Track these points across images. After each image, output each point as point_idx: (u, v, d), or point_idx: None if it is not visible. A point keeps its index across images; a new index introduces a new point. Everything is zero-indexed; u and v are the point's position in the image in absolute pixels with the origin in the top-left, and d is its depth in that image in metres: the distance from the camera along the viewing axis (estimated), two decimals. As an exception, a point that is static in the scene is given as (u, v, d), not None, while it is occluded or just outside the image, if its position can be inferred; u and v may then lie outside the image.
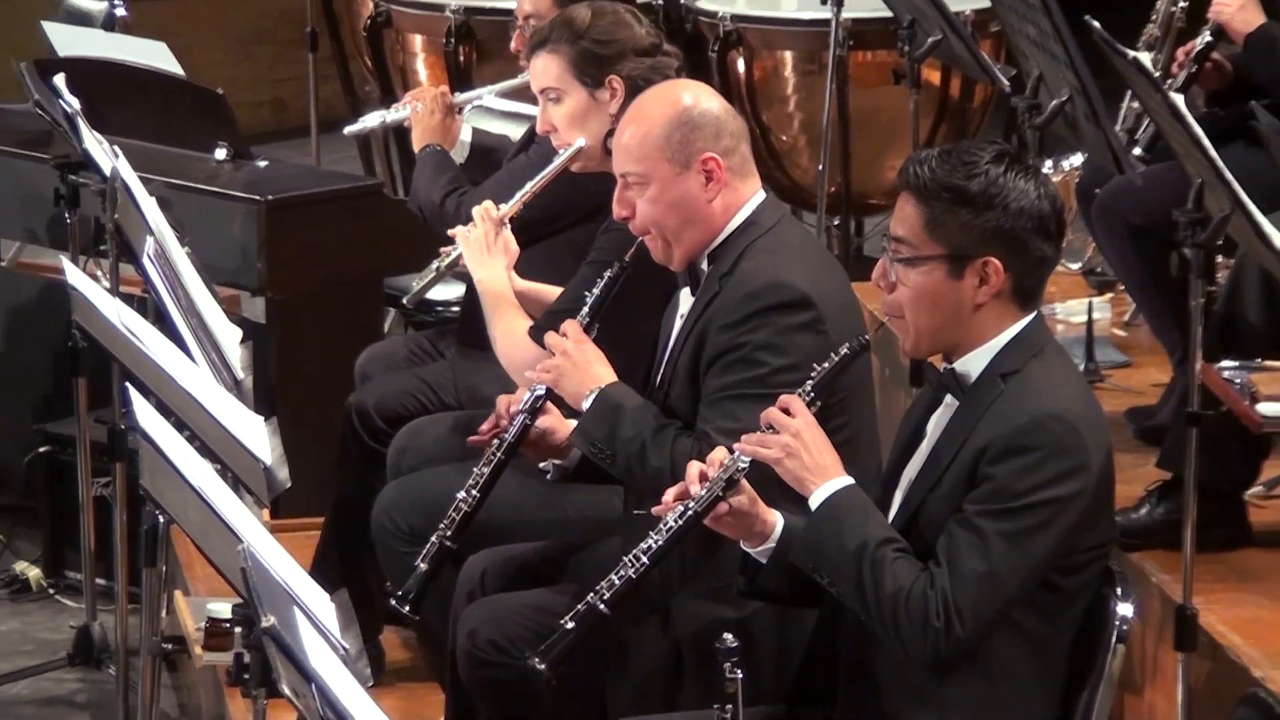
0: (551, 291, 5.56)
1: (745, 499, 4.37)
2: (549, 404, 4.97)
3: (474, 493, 4.97)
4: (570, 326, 4.95)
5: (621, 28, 5.50)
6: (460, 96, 6.36)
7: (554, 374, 4.93)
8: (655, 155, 4.85)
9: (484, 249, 5.48)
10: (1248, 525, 5.72)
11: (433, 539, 4.98)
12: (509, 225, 5.54)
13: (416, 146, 6.23)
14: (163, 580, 5.52)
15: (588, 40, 5.46)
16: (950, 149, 4.43)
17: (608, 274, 5.02)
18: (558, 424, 4.99)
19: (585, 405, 4.87)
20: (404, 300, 5.95)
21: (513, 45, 6.30)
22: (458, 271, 5.67)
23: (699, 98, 4.93)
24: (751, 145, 5.30)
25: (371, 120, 6.58)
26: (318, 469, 5.94)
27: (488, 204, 5.54)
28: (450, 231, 5.63)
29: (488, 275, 5.50)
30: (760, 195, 4.92)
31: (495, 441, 4.98)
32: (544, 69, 5.51)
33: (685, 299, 4.92)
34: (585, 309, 5.00)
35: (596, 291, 5.02)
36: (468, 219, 5.81)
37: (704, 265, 4.88)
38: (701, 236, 4.87)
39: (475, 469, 5.00)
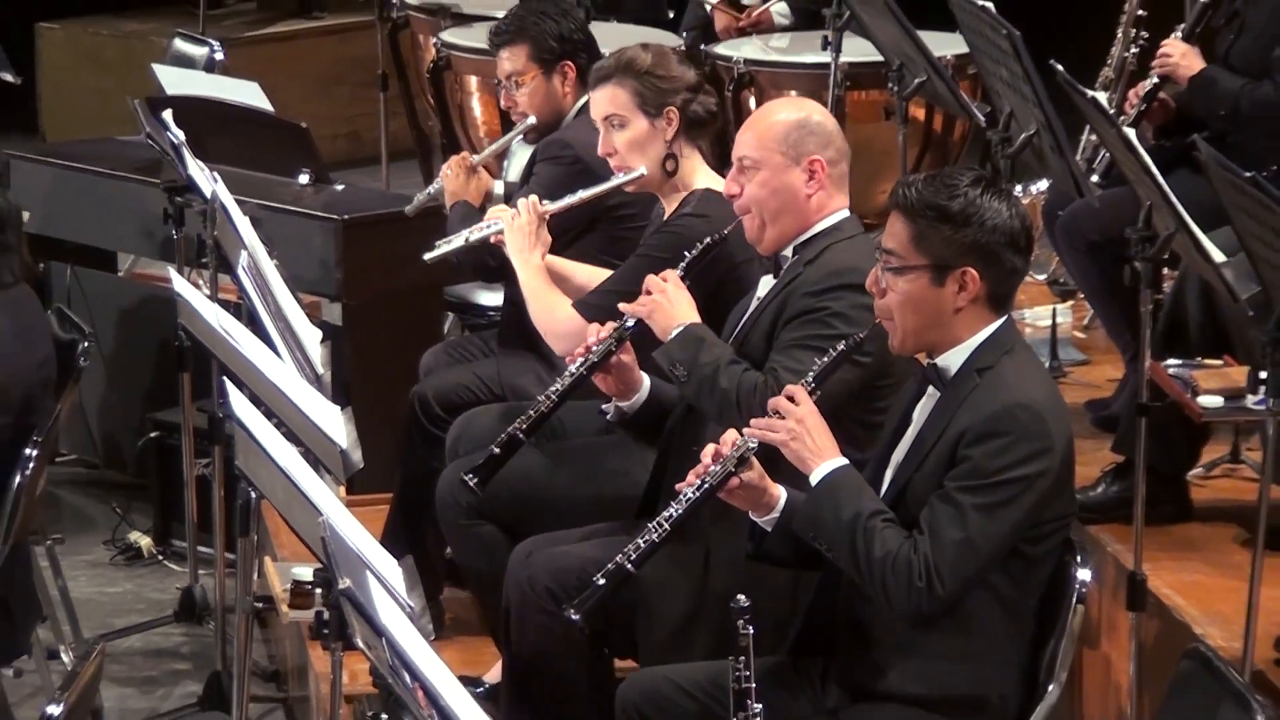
0: (585, 268, 5.54)
1: (754, 475, 4.36)
2: (628, 345, 4.96)
3: (553, 396, 4.97)
4: (670, 273, 4.94)
5: (675, 66, 5.46)
6: (476, 157, 6.32)
7: (650, 307, 4.92)
8: (772, 146, 4.87)
9: (526, 237, 5.46)
10: (1189, 502, 5.71)
11: (509, 429, 4.98)
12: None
13: (447, 206, 6.16)
14: (254, 548, 5.53)
15: (651, 76, 5.42)
16: (934, 174, 4.43)
17: (706, 240, 5.01)
18: (633, 364, 4.98)
19: (672, 335, 4.87)
20: (424, 255, 5.80)
21: (501, 103, 6.30)
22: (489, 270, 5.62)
23: (820, 114, 4.97)
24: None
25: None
26: (386, 451, 5.93)
27: (534, 198, 5.52)
28: (492, 211, 5.60)
29: (526, 262, 5.47)
30: (847, 211, 4.93)
31: (580, 358, 4.96)
32: (611, 99, 5.45)
33: (765, 284, 4.92)
34: (682, 265, 4.99)
35: (694, 254, 5.01)
36: (493, 253, 5.77)
37: (788, 254, 4.87)
38: (793, 225, 4.87)
39: (559, 378, 5.00)
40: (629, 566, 4.39)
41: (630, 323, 4.95)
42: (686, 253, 5.02)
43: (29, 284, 5.65)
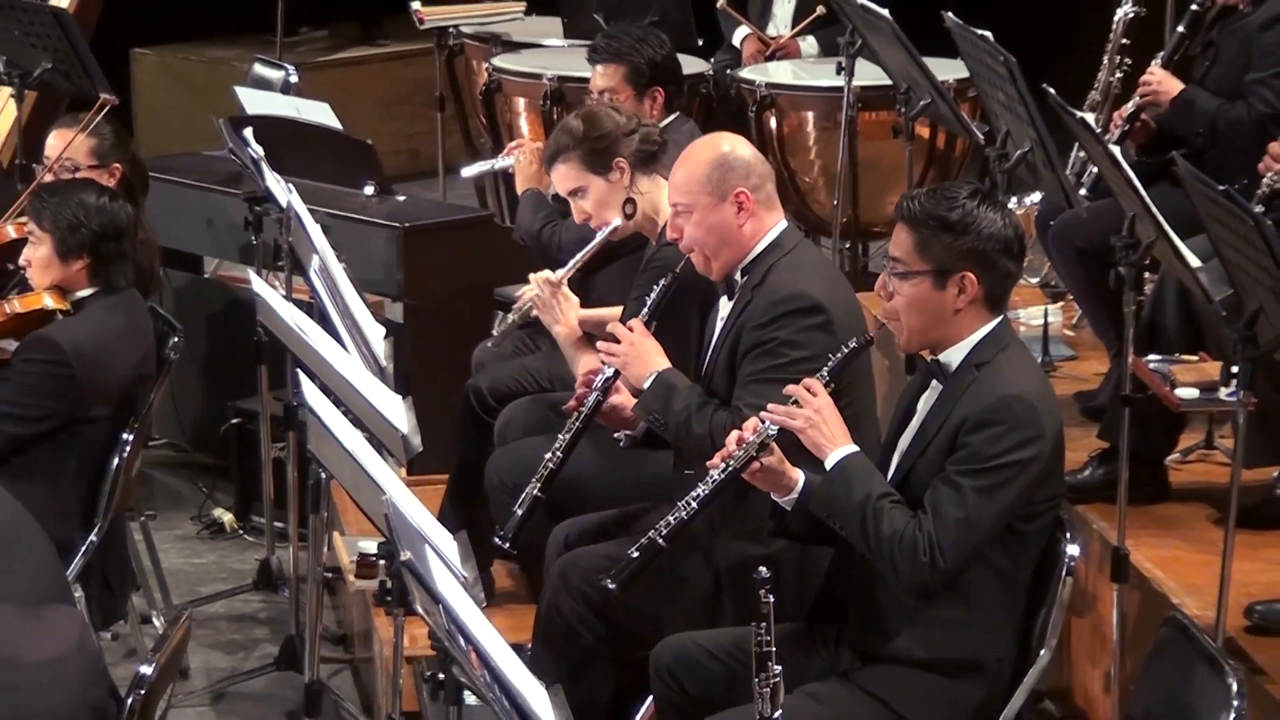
0: (613, 312, 5.54)
1: (774, 459, 4.36)
2: (619, 385, 4.96)
3: (558, 453, 4.97)
4: (635, 323, 4.94)
5: (606, 121, 5.44)
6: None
7: (621, 359, 4.91)
8: (698, 189, 4.83)
9: (551, 308, 5.42)
10: (1168, 484, 5.69)
11: (526, 490, 4.98)
12: (566, 284, 5.49)
13: (519, 190, 6.22)
14: (324, 523, 5.53)
15: (587, 141, 5.41)
16: (934, 188, 4.42)
17: (662, 282, 4.99)
18: (627, 400, 4.98)
19: (645, 385, 4.85)
20: (489, 344, 5.95)
21: None
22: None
23: (734, 146, 4.91)
24: (780, 184, 5.31)
25: (483, 166, 6.57)
26: (442, 436, 5.92)
27: (545, 273, 5.45)
28: (519, 294, 5.56)
29: (560, 327, 5.45)
30: (783, 224, 4.90)
31: (576, 413, 4.97)
32: (564, 176, 5.46)
33: (725, 305, 4.90)
34: (645, 309, 4.98)
35: (654, 296, 4.99)
36: (561, 245, 5.80)
37: (738, 277, 4.85)
38: (734, 254, 4.84)
39: (559, 435, 4.98)
40: (660, 541, 4.39)
41: (610, 372, 4.94)
42: (646, 298, 5.00)
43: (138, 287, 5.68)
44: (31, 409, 5.19)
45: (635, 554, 4.39)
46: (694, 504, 4.38)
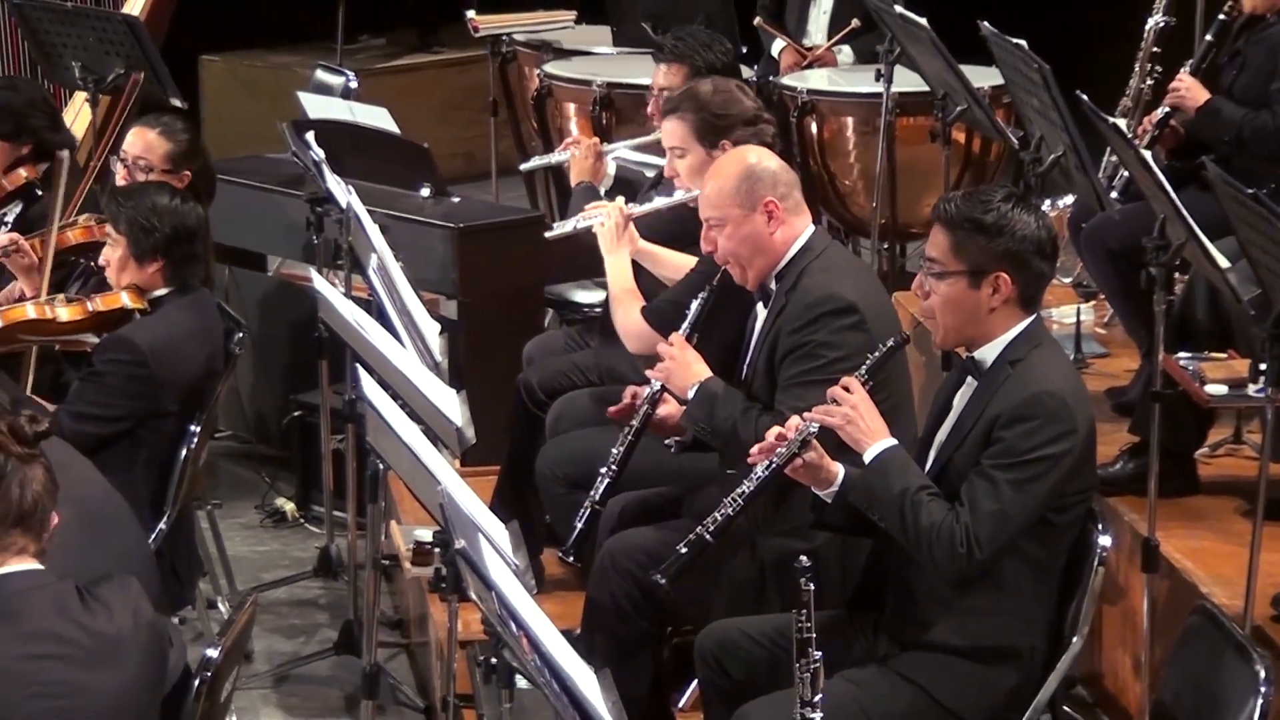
0: (667, 254, 5.52)
1: (815, 455, 4.34)
2: (666, 395, 4.94)
3: (613, 467, 4.94)
4: (676, 337, 4.92)
5: (734, 103, 5.38)
6: (607, 146, 6.33)
7: (665, 374, 4.90)
8: (728, 203, 4.81)
9: (613, 237, 5.42)
10: (1197, 478, 5.67)
11: (585, 503, 4.96)
12: (634, 224, 5.48)
13: (573, 182, 6.20)
14: (382, 513, 5.53)
15: (707, 112, 5.36)
16: (970, 191, 4.40)
17: (701, 295, 4.98)
18: (675, 411, 4.96)
19: (689, 396, 4.84)
20: (545, 234, 5.92)
21: (649, 110, 6.25)
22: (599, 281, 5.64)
23: (760, 158, 4.89)
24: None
25: (540, 160, 6.57)
26: (495, 429, 5.91)
27: (619, 201, 5.47)
28: (588, 206, 5.57)
29: (613, 261, 5.45)
30: (811, 228, 4.88)
31: (628, 427, 4.95)
32: (672, 131, 5.43)
33: (760, 312, 4.88)
34: (686, 323, 4.96)
35: (694, 309, 4.98)
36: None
37: (772, 284, 4.83)
38: (767, 261, 4.82)
39: (613, 449, 4.96)
40: (708, 536, 4.37)
41: (657, 386, 4.92)
42: (687, 311, 4.98)
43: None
44: (112, 409, 5.21)
45: (684, 549, 4.38)
46: (740, 500, 4.37)
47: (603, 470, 4.96)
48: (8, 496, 3.64)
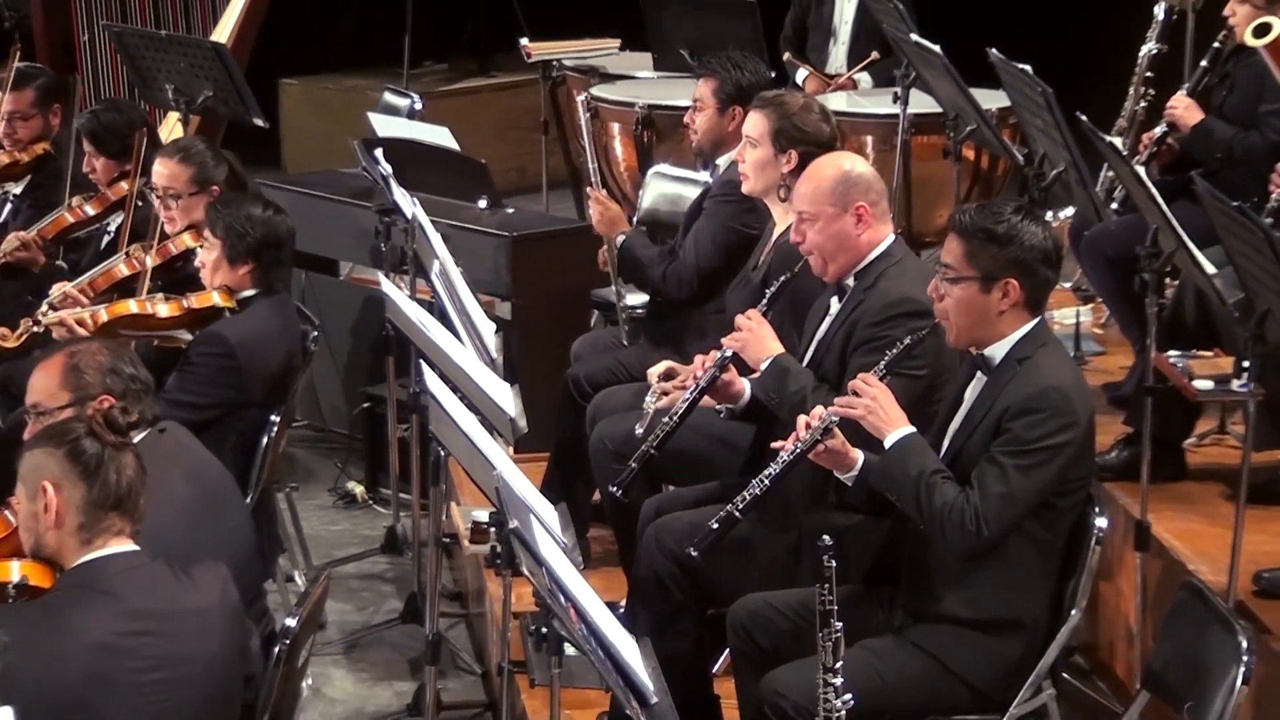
0: None
1: (837, 442, 4.34)
2: (730, 365, 4.92)
3: (674, 418, 4.90)
4: (754, 312, 4.88)
5: (813, 123, 5.31)
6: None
7: (740, 343, 4.86)
8: (823, 200, 4.80)
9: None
10: (1186, 465, 5.65)
11: (643, 446, 4.92)
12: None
13: (612, 238, 6.00)
14: (443, 495, 5.54)
15: (789, 120, 5.31)
16: (984, 204, 4.40)
17: (783, 277, 4.95)
18: (735, 379, 4.94)
19: (762, 367, 4.82)
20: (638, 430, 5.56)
21: (685, 118, 6.19)
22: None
23: (855, 164, 4.88)
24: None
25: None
26: (545, 419, 5.93)
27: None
28: (653, 376, 5.22)
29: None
30: (893, 236, 4.86)
31: (692, 383, 4.92)
32: (754, 123, 5.36)
33: (834, 305, 4.86)
34: (764, 301, 4.93)
35: (772, 290, 4.95)
36: (681, 281, 5.73)
37: (849, 281, 4.82)
38: (850, 260, 4.81)
39: (673, 399, 4.93)
40: (737, 514, 4.38)
41: (729, 353, 4.89)
42: (767, 290, 4.97)
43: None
44: (205, 398, 5.24)
45: (715, 525, 4.39)
46: (767, 481, 4.37)
47: (664, 420, 4.92)
48: (106, 483, 3.66)
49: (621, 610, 5.17)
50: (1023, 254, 4.26)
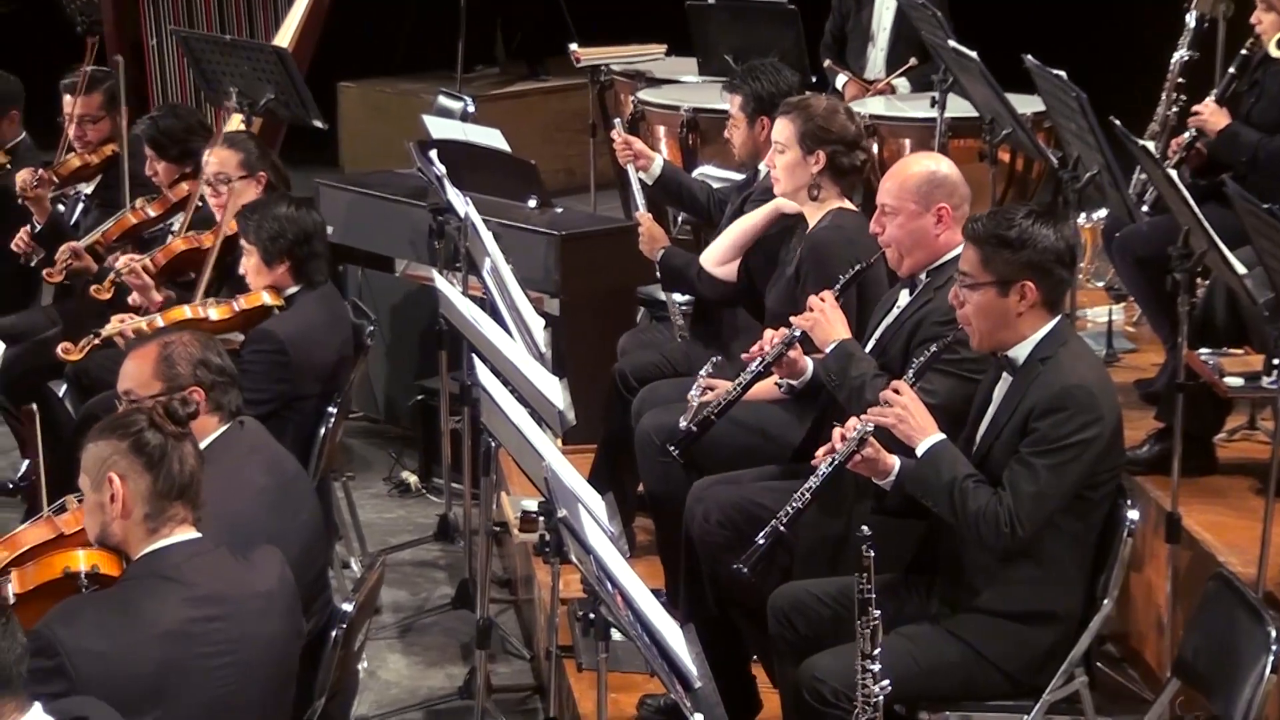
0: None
1: (872, 451, 4.32)
2: (798, 344, 4.89)
3: (738, 389, 4.88)
4: (827, 294, 4.84)
5: (838, 123, 5.29)
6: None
7: (811, 324, 4.82)
8: (907, 196, 4.76)
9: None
10: (1216, 459, 5.61)
11: (705, 412, 4.90)
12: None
13: (655, 259, 5.96)
14: (493, 485, 5.54)
15: (814, 123, 5.29)
16: (995, 211, 4.39)
17: (857, 267, 4.91)
18: (800, 356, 4.92)
19: (828, 349, 4.79)
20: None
21: (726, 134, 6.22)
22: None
23: (943, 166, 4.83)
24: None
25: (636, 193, 6.38)
26: (592, 412, 5.92)
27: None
28: (702, 379, 5.19)
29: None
30: None
31: (759, 358, 4.90)
32: (780, 129, 5.35)
33: (904, 297, 4.83)
34: (838, 286, 4.89)
35: (846, 278, 4.90)
36: (716, 282, 5.71)
37: (922, 278, 4.79)
38: (925, 257, 4.77)
39: (742, 373, 4.90)
40: (782, 528, 4.34)
41: (798, 332, 4.86)
42: (841, 277, 4.92)
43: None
44: (259, 393, 5.26)
45: (761, 540, 4.34)
46: (808, 495, 4.33)
47: (729, 388, 4.90)
48: (170, 473, 3.66)
49: (664, 597, 5.18)
50: (1036, 256, 4.24)
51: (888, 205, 4.78)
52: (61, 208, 6.88)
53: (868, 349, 4.83)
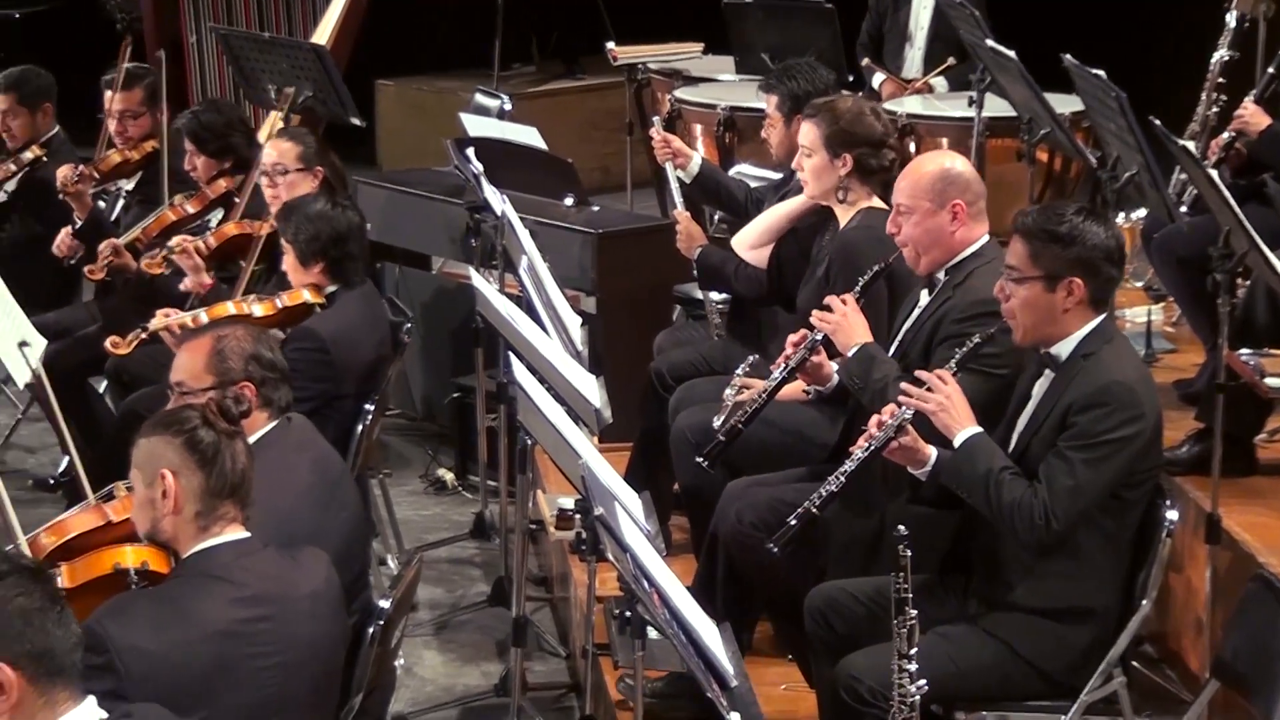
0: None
1: (909, 439, 4.31)
2: (821, 348, 4.89)
3: (763, 395, 4.89)
4: (848, 297, 4.84)
5: (864, 124, 5.27)
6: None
7: (832, 327, 4.83)
8: (921, 195, 4.75)
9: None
10: (1256, 460, 5.58)
11: (732, 420, 4.90)
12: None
13: (693, 257, 5.96)
14: (530, 482, 5.54)
15: (840, 125, 5.28)
16: (1045, 206, 4.38)
17: (876, 267, 4.90)
18: (825, 361, 4.92)
19: (850, 353, 4.79)
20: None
21: (763, 134, 6.21)
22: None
23: (957, 163, 4.84)
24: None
25: (674, 191, 6.39)
26: (629, 410, 5.91)
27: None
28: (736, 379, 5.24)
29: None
30: (987, 237, 4.81)
31: (782, 364, 4.90)
32: (805, 132, 5.34)
33: (924, 298, 4.82)
34: (857, 289, 4.88)
35: (865, 279, 4.90)
36: (752, 280, 5.70)
37: (940, 276, 4.79)
38: (942, 255, 4.77)
39: (767, 381, 4.91)
40: (814, 510, 4.34)
41: (819, 336, 4.86)
42: (860, 279, 4.92)
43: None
44: (301, 391, 5.25)
45: (793, 521, 4.35)
46: (842, 478, 4.33)
47: (755, 396, 4.90)
48: (222, 471, 3.65)
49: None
50: (1086, 253, 4.22)
51: (903, 205, 4.78)
52: (102, 204, 6.91)
53: (891, 351, 4.82)
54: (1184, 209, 6.03)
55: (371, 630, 3.98)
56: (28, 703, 2.95)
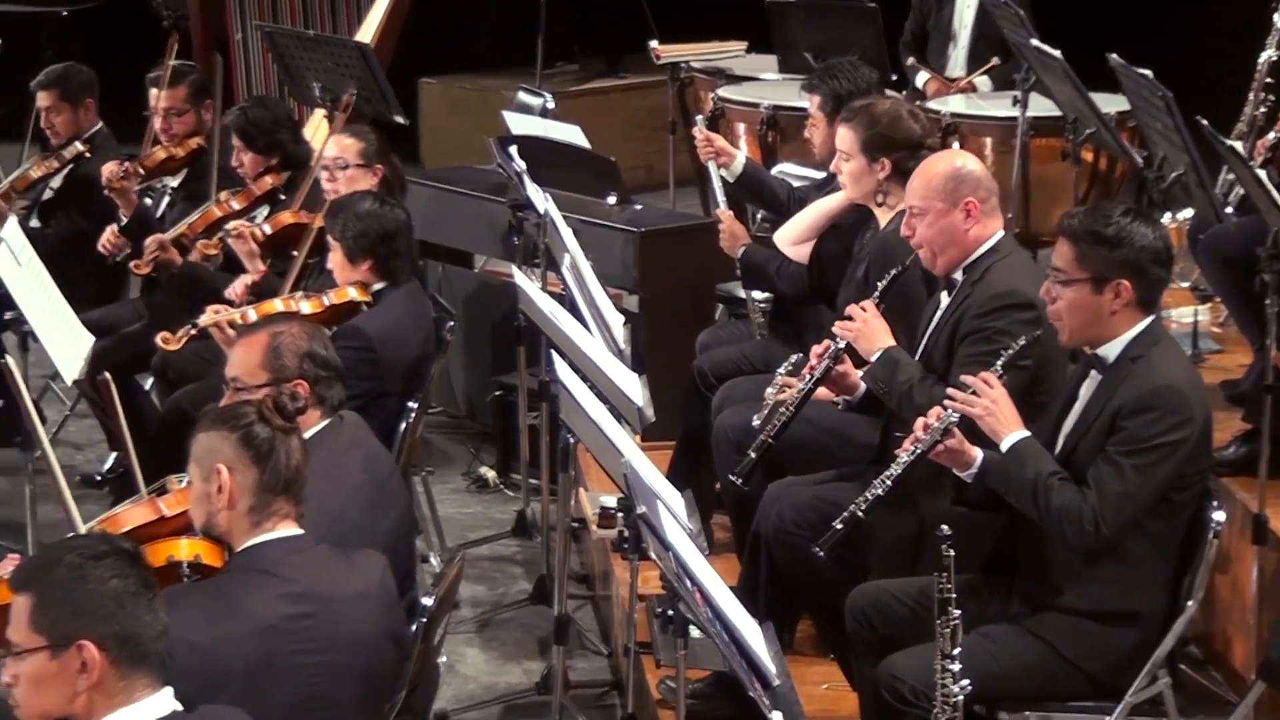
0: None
1: (956, 441, 4.29)
2: (844, 356, 4.89)
3: (790, 409, 4.88)
4: (868, 304, 4.84)
5: (901, 126, 5.25)
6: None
7: (854, 334, 4.83)
8: (934, 195, 4.75)
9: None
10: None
11: (761, 436, 4.90)
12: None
13: (735, 255, 5.96)
14: (572, 481, 5.54)
15: (877, 129, 5.27)
16: (1092, 208, 4.35)
17: (894, 271, 4.89)
18: (850, 371, 4.91)
19: (874, 358, 4.78)
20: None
21: (805, 133, 6.19)
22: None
23: (966, 161, 4.83)
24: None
25: (716, 190, 6.37)
26: (671, 408, 5.91)
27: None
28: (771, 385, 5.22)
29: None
30: (1001, 232, 4.80)
31: (807, 375, 4.90)
32: (843, 137, 5.33)
33: (944, 298, 4.82)
34: (876, 293, 4.88)
35: (884, 284, 4.89)
36: (794, 278, 5.69)
37: (958, 275, 4.77)
38: (958, 254, 4.76)
39: (791, 393, 4.90)
40: (860, 514, 4.33)
41: (842, 344, 4.86)
42: (879, 283, 4.91)
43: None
44: (348, 389, 5.29)
45: (839, 525, 4.34)
46: (889, 481, 4.32)
47: (781, 410, 4.89)
48: (277, 467, 3.66)
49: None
50: (1133, 255, 4.20)
51: (915, 206, 4.77)
52: (148, 200, 6.94)
53: (917, 355, 4.81)
54: (1229, 209, 6.00)
55: (414, 627, 3.99)
56: (107, 684, 2.99)
